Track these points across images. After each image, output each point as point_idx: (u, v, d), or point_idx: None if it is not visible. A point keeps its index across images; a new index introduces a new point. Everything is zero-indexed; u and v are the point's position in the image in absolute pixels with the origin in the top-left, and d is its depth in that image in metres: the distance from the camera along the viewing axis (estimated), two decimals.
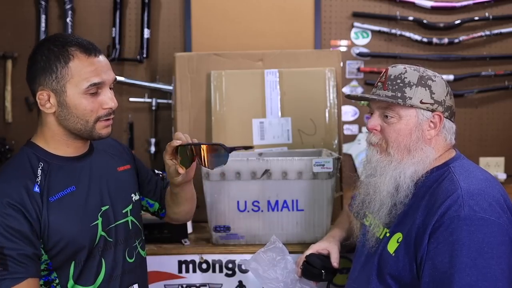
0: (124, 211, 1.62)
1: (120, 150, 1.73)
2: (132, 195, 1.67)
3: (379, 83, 1.61)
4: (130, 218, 1.63)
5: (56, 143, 1.51)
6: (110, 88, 1.52)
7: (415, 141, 1.55)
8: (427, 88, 1.55)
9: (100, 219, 1.53)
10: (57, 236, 1.45)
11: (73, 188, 1.50)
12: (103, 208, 1.55)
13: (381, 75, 1.62)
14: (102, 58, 1.49)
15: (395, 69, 1.60)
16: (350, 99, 1.77)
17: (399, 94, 1.55)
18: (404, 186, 1.54)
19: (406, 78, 1.56)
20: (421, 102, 1.55)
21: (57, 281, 1.50)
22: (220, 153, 1.53)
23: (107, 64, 1.51)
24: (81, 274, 1.51)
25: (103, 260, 1.54)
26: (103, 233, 1.54)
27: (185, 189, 1.69)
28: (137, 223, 1.67)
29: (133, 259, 1.63)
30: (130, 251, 1.62)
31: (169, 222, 1.89)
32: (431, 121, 1.56)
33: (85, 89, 1.45)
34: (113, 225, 1.57)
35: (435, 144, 1.58)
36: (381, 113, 1.59)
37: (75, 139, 1.52)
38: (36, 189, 1.44)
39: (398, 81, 1.57)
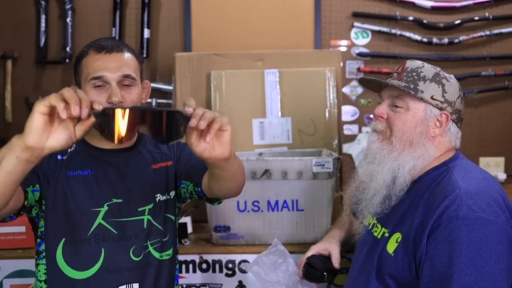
0: (140, 209, 1.62)
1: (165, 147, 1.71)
2: (158, 195, 1.65)
3: (394, 74, 1.62)
4: (146, 217, 1.63)
5: (90, 135, 1.61)
6: (127, 85, 1.55)
7: (418, 135, 1.55)
8: (440, 86, 1.56)
9: (105, 208, 1.58)
10: (60, 197, 1.56)
11: (89, 172, 1.60)
12: (115, 200, 1.59)
13: (398, 67, 1.63)
14: (113, 55, 1.55)
15: (413, 63, 1.61)
16: (363, 82, 1.68)
17: (412, 86, 1.56)
18: (401, 179, 1.54)
19: (422, 72, 1.58)
20: (431, 98, 1.55)
21: (44, 254, 1.57)
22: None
23: (117, 61, 1.55)
24: (74, 258, 1.55)
25: (102, 250, 1.56)
26: (102, 222, 1.57)
27: (224, 167, 1.37)
28: (155, 223, 1.64)
29: (140, 258, 1.60)
30: (137, 250, 1.60)
31: (215, 197, 1.65)
32: (437, 119, 1.56)
33: (88, 82, 1.55)
34: (122, 219, 1.59)
35: (438, 143, 1.58)
36: (390, 102, 1.60)
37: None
38: (59, 157, 1.58)
39: (414, 74, 1.58)
